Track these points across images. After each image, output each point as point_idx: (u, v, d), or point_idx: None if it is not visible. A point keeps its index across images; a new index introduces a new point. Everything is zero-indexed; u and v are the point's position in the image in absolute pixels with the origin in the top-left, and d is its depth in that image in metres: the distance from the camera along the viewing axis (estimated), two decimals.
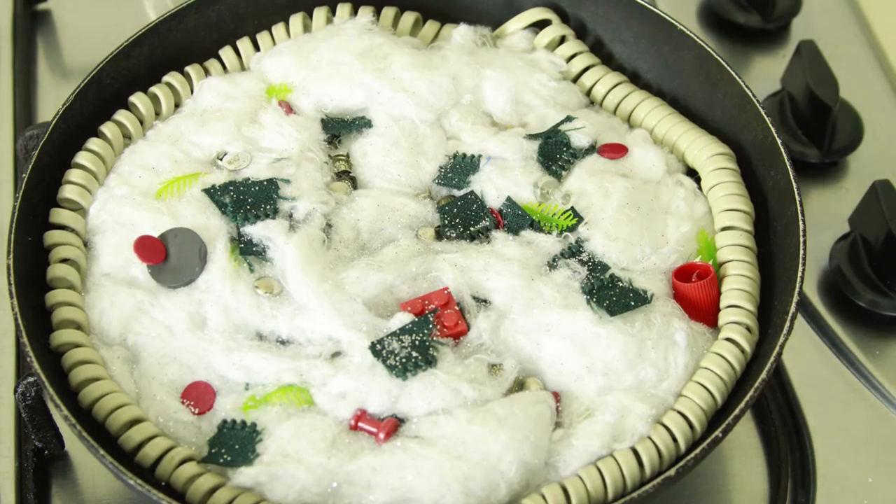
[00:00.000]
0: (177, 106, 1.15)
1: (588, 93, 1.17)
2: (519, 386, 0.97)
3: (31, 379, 0.99)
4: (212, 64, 1.17)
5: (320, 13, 1.19)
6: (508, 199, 1.06)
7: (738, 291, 1.01)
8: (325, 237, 1.03)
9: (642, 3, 1.15)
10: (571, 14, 1.20)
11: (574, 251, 1.03)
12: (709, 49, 1.11)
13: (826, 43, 1.33)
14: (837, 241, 1.22)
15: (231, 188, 1.05)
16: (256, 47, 1.19)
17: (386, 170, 1.08)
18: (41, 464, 1.08)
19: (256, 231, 1.03)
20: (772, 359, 0.93)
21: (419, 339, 0.96)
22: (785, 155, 1.04)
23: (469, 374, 0.95)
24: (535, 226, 1.05)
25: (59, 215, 1.05)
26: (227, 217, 1.04)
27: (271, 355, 0.97)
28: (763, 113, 1.06)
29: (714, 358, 0.97)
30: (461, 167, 1.09)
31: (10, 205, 1.21)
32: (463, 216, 1.06)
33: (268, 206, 1.04)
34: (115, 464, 0.88)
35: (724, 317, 1.00)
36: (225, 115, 1.11)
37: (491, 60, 1.15)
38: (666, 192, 1.07)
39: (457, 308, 0.99)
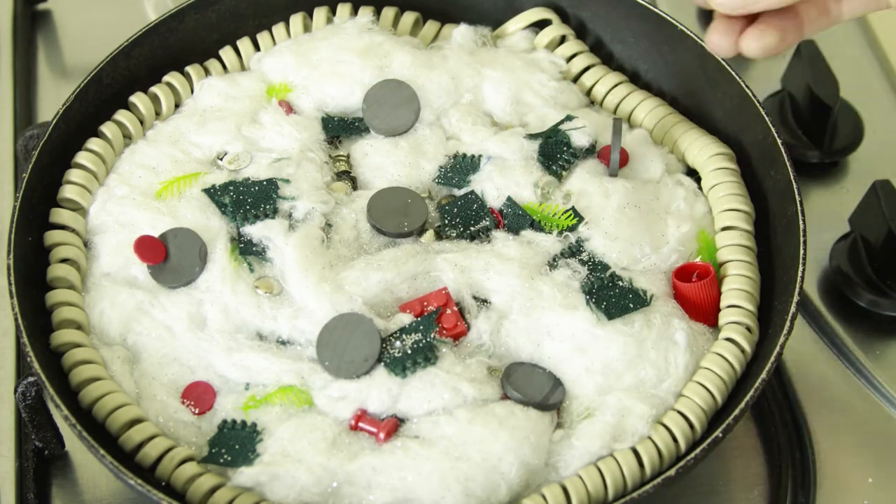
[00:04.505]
0: (177, 106, 1.15)
1: (588, 93, 1.17)
2: None
3: (31, 379, 0.99)
4: (212, 64, 1.17)
5: (320, 13, 1.19)
6: (509, 198, 1.06)
7: (738, 291, 1.01)
8: (325, 237, 1.03)
9: (642, 3, 1.15)
10: (571, 14, 1.20)
11: (574, 251, 1.03)
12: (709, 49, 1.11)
13: (826, 43, 1.33)
14: (837, 241, 1.22)
15: (231, 188, 1.05)
16: (257, 47, 1.19)
17: (386, 170, 1.08)
18: (41, 464, 1.07)
19: (256, 231, 1.03)
20: (772, 359, 0.93)
21: (421, 338, 0.96)
22: (785, 155, 1.04)
23: (469, 373, 0.95)
24: (536, 225, 1.05)
25: (60, 215, 1.04)
26: (227, 217, 1.04)
27: (272, 356, 0.97)
28: (763, 113, 1.06)
29: (714, 358, 0.97)
30: (461, 167, 1.09)
31: (10, 205, 1.21)
32: (463, 216, 1.06)
33: (267, 206, 1.04)
34: (115, 464, 0.88)
35: (725, 317, 1.00)
36: (225, 115, 1.11)
37: (491, 60, 1.15)
38: (666, 192, 1.07)
39: (455, 309, 0.99)
